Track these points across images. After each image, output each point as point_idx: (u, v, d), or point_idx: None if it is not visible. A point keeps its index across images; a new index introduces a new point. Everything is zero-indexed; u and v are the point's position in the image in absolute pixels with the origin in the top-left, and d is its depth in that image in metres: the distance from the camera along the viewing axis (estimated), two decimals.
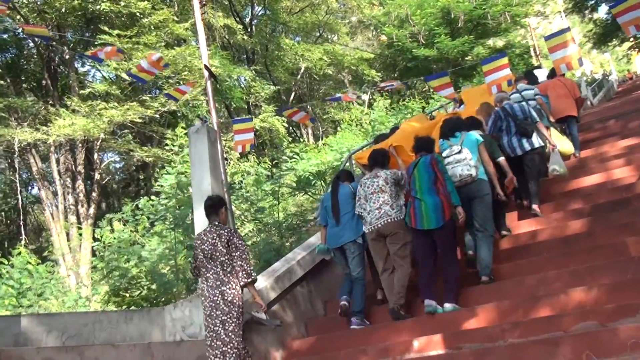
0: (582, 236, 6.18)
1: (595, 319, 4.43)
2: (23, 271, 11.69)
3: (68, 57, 21.56)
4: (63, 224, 19.80)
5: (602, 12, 31.26)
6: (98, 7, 18.87)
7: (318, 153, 16.94)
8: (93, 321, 6.07)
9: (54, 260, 18.09)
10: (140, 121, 19.48)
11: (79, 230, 19.17)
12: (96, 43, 18.12)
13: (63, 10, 19.33)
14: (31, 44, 22.62)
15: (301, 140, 24.79)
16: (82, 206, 20.56)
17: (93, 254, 15.04)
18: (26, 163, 22.40)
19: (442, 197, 5.84)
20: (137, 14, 19.45)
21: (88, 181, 22.65)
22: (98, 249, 11.81)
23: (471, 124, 7.14)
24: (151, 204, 12.10)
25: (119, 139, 21.57)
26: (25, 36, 20.90)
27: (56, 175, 20.88)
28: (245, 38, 24.15)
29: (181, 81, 18.43)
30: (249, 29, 25.73)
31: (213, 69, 13.22)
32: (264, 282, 6.57)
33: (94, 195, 21.42)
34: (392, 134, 8.47)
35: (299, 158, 15.87)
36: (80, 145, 20.93)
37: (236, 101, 22.17)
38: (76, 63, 22.84)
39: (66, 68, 22.69)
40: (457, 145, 6.39)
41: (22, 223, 21.97)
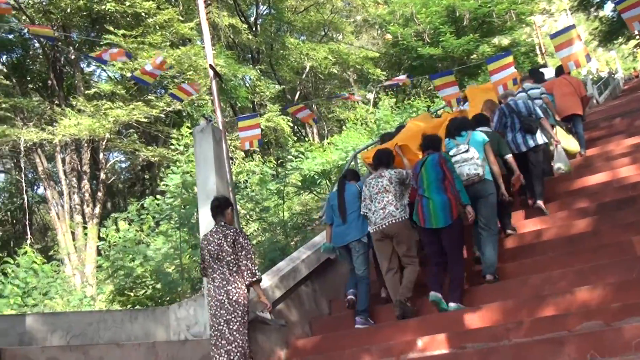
0: (588, 235, 6.16)
1: (600, 319, 4.41)
2: (28, 270, 11.72)
3: (73, 57, 21.60)
4: (69, 224, 19.85)
5: (608, 10, 31.18)
6: (103, 7, 18.90)
7: (323, 152, 16.94)
8: (98, 320, 6.09)
9: (60, 259, 18.13)
10: (145, 121, 19.50)
11: (85, 229, 19.23)
12: (101, 43, 18.16)
13: (68, 10, 19.38)
14: (37, 45, 22.69)
15: (306, 139, 24.77)
16: (88, 206, 20.61)
17: (98, 253, 15.09)
18: (32, 163, 22.48)
19: (450, 196, 5.85)
20: (142, 14, 19.49)
21: (94, 181, 22.70)
22: (103, 248, 11.85)
23: (480, 121, 7.16)
24: (156, 204, 12.14)
25: (125, 139, 21.62)
26: (30, 36, 20.96)
27: (62, 175, 20.92)
28: (250, 37, 24.14)
29: (186, 81, 18.44)
30: (254, 28, 25.72)
31: (218, 69, 13.22)
32: (269, 281, 6.57)
33: (100, 194, 21.48)
34: (398, 133, 8.45)
35: (304, 157, 15.87)
36: (85, 145, 20.99)
37: (241, 100, 22.19)
38: (82, 63, 22.90)
39: (72, 68, 22.76)
40: (464, 144, 6.38)
41: (28, 223, 22.00)
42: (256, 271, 5.65)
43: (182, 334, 6.46)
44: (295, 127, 26.41)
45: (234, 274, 5.58)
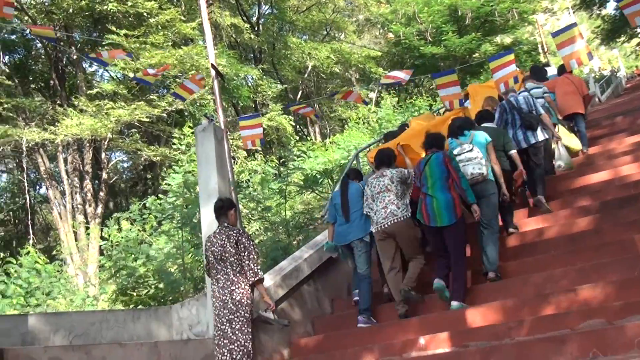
0: (590, 233, 6.15)
1: (602, 317, 4.41)
2: (31, 270, 11.73)
3: (76, 58, 21.62)
4: (71, 223, 19.86)
5: (610, 8, 31.13)
6: (105, 8, 18.90)
7: (325, 151, 16.94)
8: (100, 320, 6.11)
9: (62, 259, 18.14)
10: (147, 120, 19.51)
11: (87, 229, 19.24)
12: (103, 43, 18.18)
13: (70, 10, 19.39)
14: (39, 45, 22.73)
15: (308, 138, 24.77)
16: (90, 205, 20.63)
17: (101, 253, 15.09)
18: (34, 163, 22.48)
19: (454, 194, 5.86)
20: (144, 14, 19.49)
21: (96, 180, 22.72)
22: (106, 248, 11.85)
23: (484, 117, 7.22)
24: (159, 203, 12.13)
25: (127, 139, 21.62)
26: (33, 37, 20.99)
27: (64, 174, 20.95)
28: (252, 37, 24.12)
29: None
30: (256, 28, 25.70)
31: (220, 68, 13.22)
32: (271, 281, 6.57)
33: (102, 194, 21.49)
34: (401, 131, 8.46)
35: (306, 156, 15.87)
36: (87, 144, 21.00)
37: (243, 100, 22.17)
38: (84, 63, 22.90)
39: (74, 68, 22.78)
40: (468, 143, 6.39)
41: (30, 222, 22.04)
42: (259, 271, 5.69)
43: (185, 334, 6.47)
44: (297, 127, 26.42)
45: (238, 275, 5.63)
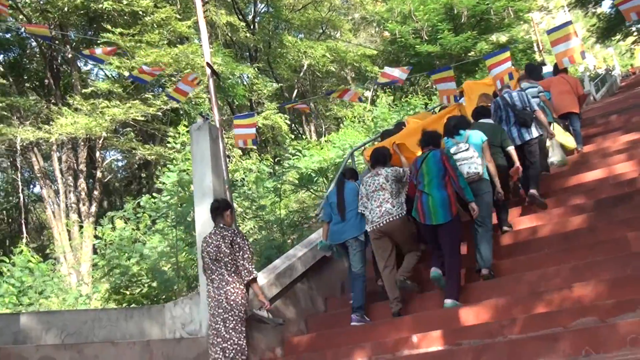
0: (584, 232, 6.15)
1: (594, 315, 4.40)
2: (24, 269, 11.68)
3: (70, 56, 21.55)
4: (64, 222, 19.79)
5: (606, 6, 31.15)
6: (100, 6, 18.82)
7: (320, 150, 16.93)
8: (93, 319, 6.08)
9: (55, 258, 18.08)
10: (142, 119, 19.45)
11: (81, 228, 19.19)
12: (99, 42, 18.11)
13: (65, 9, 19.30)
14: (34, 43, 22.62)
15: (303, 137, 24.76)
16: (84, 204, 20.55)
17: (94, 252, 15.04)
18: (28, 162, 22.40)
19: (450, 192, 5.86)
20: (140, 12, 19.43)
21: (90, 179, 22.63)
22: (99, 247, 11.82)
23: (482, 113, 7.24)
24: (153, 202, 12.11)
25: (121, 137, 21.54)
26: (28, 35, 20.89)
27: (58, 173, 20.85)
28: (248, 35, 24.09)
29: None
30: (252, 27, 25.68)
31: (215, 67, 13.19)
32: (265, 279, 6.57)
33: (96, 193, 21.40)
34: (398, 130, 8.46)
35: (302, 155, 15.86)
36: (82, 143, 20.91)
37: (239, 99, 22.14)
38: (79, 62, 22.82)
39: (69, 67, 22.69)
40: (463, 142, 6.40)
41: (24, 221, 21.93)
42: (253, 270, 5.74)
43: (178, 332, 6.45)
44: (292, 125, 26.40)
45: (232, 275, 5.67)
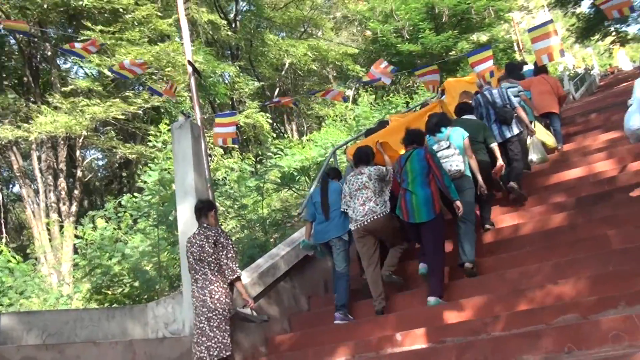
0: (565, 229, 6.21)
1: (576, 312, 4.44)
2: (4, 270, 11.55)
3: (50, 54, 21.31)
4: (45, 222, 19.57)
5: (585, 7, 31.47)
6: (80, 3, 18.63)
7: (302, 149, 16.92)
8: (74, 319, 6.02)
9: (36, 258, 17.89)
10: (123, 118, 19.29)
11: (61, 228, 18.99)
12: (79, 39, 17.92)
13: (45, 6, 19.07)
14: (12, 41, 22.33)
15: (285, 136, 24.73)
16: (64, 204, 20.33)
17: (75, 252, 14.91)
18: (7, 161, 22.10)
19: (434, 190, 5.88)
20: (120, 10, 19.25)
21: (70, 179, 22.38)
22: (80, 247, 11.71)
23: (464, 109, 7.25)
24: (134, 201, 12.02)
25: (102, 136, 21.37)
26: (6, 32, 20.60)
27: (37, 172, 20.61)
28: (229, 34, 24.00)
29: (164, 77, 18.29)
30: (233, 25, 25.58)
31: (197, 65, 13.12)
32: (248, 278, 6.54)
33: (76, 192, 21.19)
34: (380, 128, 8.47)
35: (283, 154, 15.83)
36: (62, 142, 20.68)
37: (220, 97, 22.07)
38: (58, 60, 22.57)
39: (48, 65, 22.43)
40: (445, 140, 6.42)
41: (3, 221, 21.69)
42: (237, 269, 5.73)
43: (161, 332, 6.41)
44: (274, 124, 26.35)
45: (216, 274, 5.67)
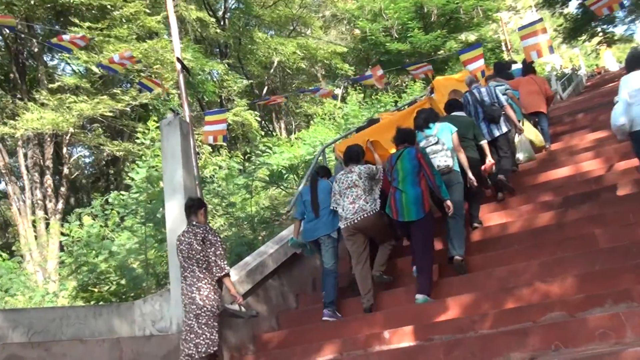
0: (552, 228, 6.24)
1: (564, 310, 4.47)
2: None
3: (37, 50, 21.15)
4: (30, 219, 19.42)
5: (573, 7, 31.62)
6: (68, 0, 18.51)
7: (291, 147, 16.89)
8: (60, 316, 5.96)
9: (21, 255, 17.74)
10: (110, 115, 19.16)
11: (47, 225, 18.85)
12: (66, 34, 17.76)
13: (32, 2, 18.92)
14: None
15: (274, 134, 24.67)
16: (50, 201, 20.17)
17: (61, 249, 14.79)
18: None
19: (424, 188, 5.89)
20: (108, 7, 19.12)
21: (56, 176, 22.21)
22: (66, 244, 11.62)
23: (454, 106, 7.28)
24: (122, 198, 11.95)
25: (89, 133, 21.20)
26: None
27: (24, 169, 20.44)
28: (218, 31, 23.92)
29: (153, 74, 18.18)
30: (222, 22, 25.51)
31: (185, 62, 13.04)
32: (236, 276, 6.52)
33: (63, 190, 21.04)
34: (370, 126, 8.48)
35: (272, 152, 15.81)
36: (48, 139, 20.53)
37: (209, 95, 21.99)
38: (45, 56, 22.40)
39: (35, 61, 22.25)
40: (433, 136, 6.44)
41: None
42: (225, 266, 5.72)
43: (148, 330, 6.37)
44: (262, 122, 26.30)
45: (204, 271, 5.67)
